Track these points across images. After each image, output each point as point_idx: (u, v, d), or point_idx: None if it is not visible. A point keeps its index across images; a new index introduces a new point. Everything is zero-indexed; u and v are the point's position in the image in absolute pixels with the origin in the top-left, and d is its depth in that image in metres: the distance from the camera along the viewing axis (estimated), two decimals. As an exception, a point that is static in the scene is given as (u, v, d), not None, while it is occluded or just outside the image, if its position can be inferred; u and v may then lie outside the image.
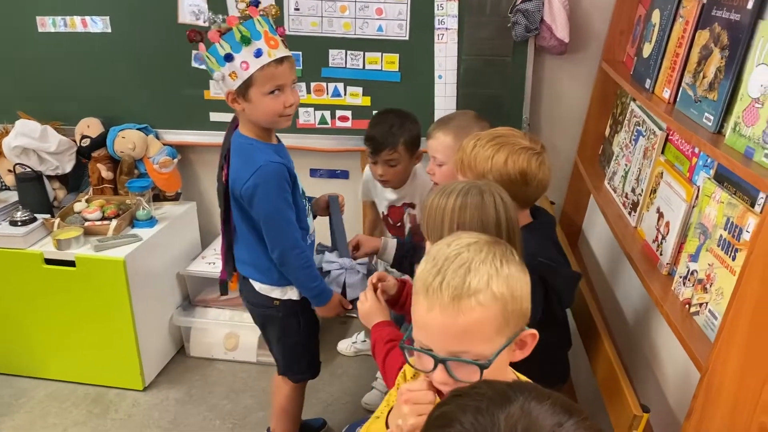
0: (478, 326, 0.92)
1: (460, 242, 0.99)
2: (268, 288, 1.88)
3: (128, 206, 2.62)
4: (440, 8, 2.45)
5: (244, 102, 1.68)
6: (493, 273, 0.94)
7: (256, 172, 1.68)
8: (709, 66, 1.60)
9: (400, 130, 2.10)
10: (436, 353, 0.94)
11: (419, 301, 0.95)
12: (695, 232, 1.50)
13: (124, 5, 2.60)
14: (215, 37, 1.62)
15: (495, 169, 1.53)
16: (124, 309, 2.41)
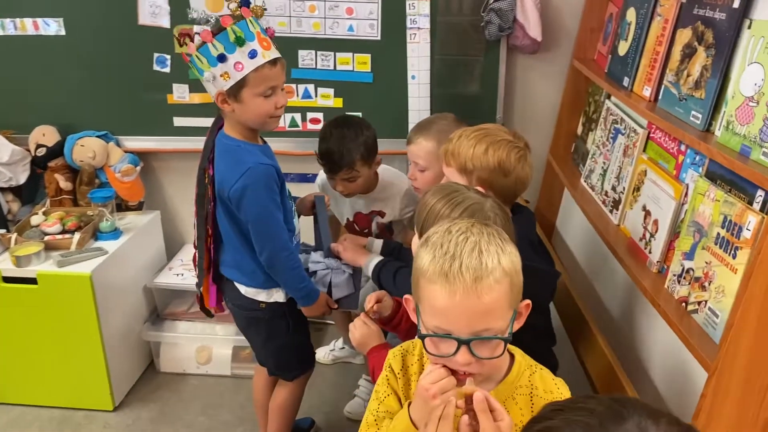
0: (498, 303, 0.98)
1: (460, 227, 1.04)
2: (254, 291, 1.85)
3: (90, 218, 2.49)
4: (412, 8, 2.42)
5: (234, 103, 1.66)
6: (500, 251, 1.01)
7: (244, 174, 1.66)
8: (693, 64, 1.61)
9: (354, 145, 2.01)
10: (460, 336, 0.98)
11: (436, 290, 0.98)
12: (689, 230, 1.51)
13: (79, 6, 2.48)
14: (208, 37, 1.58)
15: (475, 157, 1.56)
16: (91, 326, 2.29)
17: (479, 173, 1.57)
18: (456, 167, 1.60)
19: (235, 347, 2.62)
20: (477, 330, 0.98)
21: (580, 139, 2.49)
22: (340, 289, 1.93)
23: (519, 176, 1.59)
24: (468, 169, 1.58)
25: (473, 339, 0.98)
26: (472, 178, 1.58)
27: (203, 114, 2.59)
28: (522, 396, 1.09)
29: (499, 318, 0.99)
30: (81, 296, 2.24)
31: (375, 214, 2.25)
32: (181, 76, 2.54)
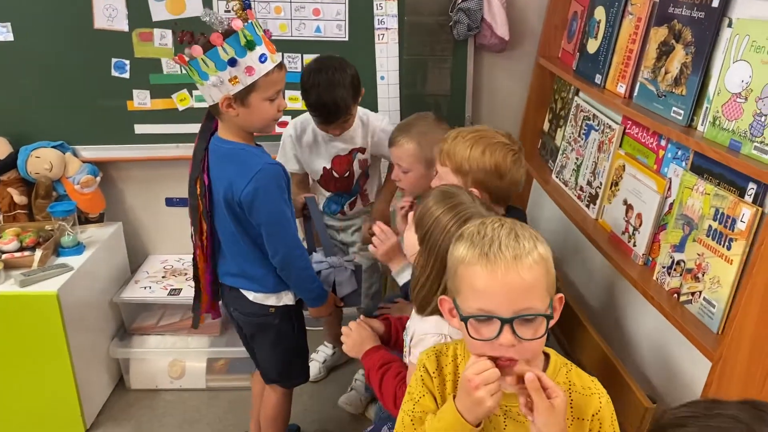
0: (536, 282, 1.01)
1: (492, 221, 1.08)
2: (263, 296, 1.83)
3: (49, 233, 2.36)
4: (379, 8, 2.40)
5: (240, 107, 1.62)
6: (533, 237, 1.04)
7: (255, 176, 1.63)
8: (671, 61, 1.66)
9: (344, 91, 1.96)
10: (503, 315, 0.99)
11: (476, 271, 1.01)
12: (677, 223, 1.56)
13: (28, 10, 2.34)
14: (218, 40, 1.53)
15: (472, 158, 1.58)
16: (59, 347, 2.18)
17: (475, 175, 1.58)
18: (451, 167, 1.61)
19: (209, 359, 2.55)
20: (519, 308, 1.00)
21: (548, 135, 2.53)
22: (344, 286, 1.95)
23: (513, 178, 1.62)
24: (464, 170, 1.59)
25: (516, 317, 0.99)
26: (468, 179, 1.59)
27: (165, 120, 2.51)
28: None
29: (539, 299, 1.01)
30: (47, 316, 2.13)
31: (356, 151, 2.21)
32: (141, 82, 2.45)
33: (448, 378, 1.17)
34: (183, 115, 2.50)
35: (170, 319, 2.57)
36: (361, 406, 2.37)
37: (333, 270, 1.93)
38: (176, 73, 2.44)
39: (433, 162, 1.94)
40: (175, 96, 2.48)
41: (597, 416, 1.09)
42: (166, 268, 2.70)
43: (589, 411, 1.10)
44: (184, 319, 2.56)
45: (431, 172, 1.96)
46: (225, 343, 2.54)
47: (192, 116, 2.49)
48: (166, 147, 2.55)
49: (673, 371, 1.59)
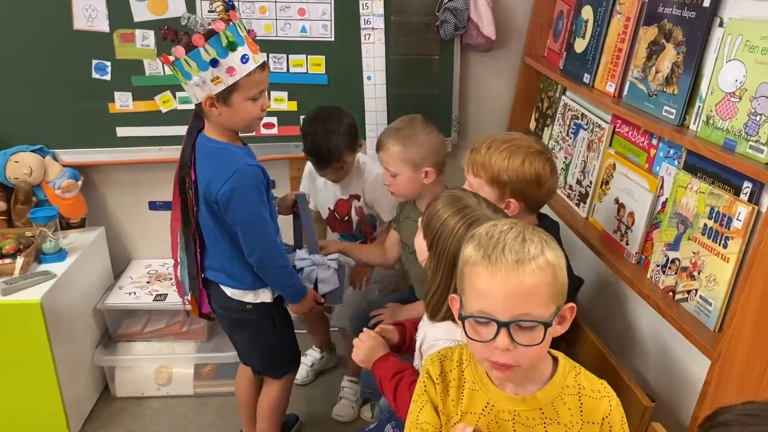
0: (538, 289, 1.00)
1: (505, 222, 1.08)
2: (240, 293, 1.85)
3: (29, 239, 2.30)
4: (365, 7, 2.38)
5: (223, 106, 1.64)
6: (544, 244, 1.03)
7: (232, 176, 1.65)
8: (662, 61, 1.67)
9: (339, 139, 2.06)
10: (500, 318, 0.99)
11: (479, 272, 1.02)
12: (671, 221, 1.57)
13: (5, 10, 2.26)
14: (200, 41, 1.54)
15: (511, 169, 1.56)
16: (43, 356, 2.12)
17: (514, 185, 1.57)
18: (486, 179, 1.59)
19: (197, 365, 2.51)
20: (517, 313, 0.99)
21: (534, 134, 2.54)
22: (326, 284, 1.97)
23: (551, 187, 1.63)
24: (501, 181, 1.57)
25: (513, 321, 0.99)
26: (506, 189, 1.58)
27: (148, 123, 2.46)
28: (570, 396, 1.10)
29: (540, 305, 1.00)
30: (31, 325, 2.07)
31: (353, 197, 2.28)
32: (123, 84, 2.39)
33: (452, 384, 1.16)
34: (166, 118, 2.45)
35: (156, 325, 2.53)
36: (354, 412, 2.35)
37: (316, 267, 1.96)
38: (159, 75, 2.40)
39: (419, 164, 1.94)
40: (158, 98, 2.43)
41: (607, 420, 1.09)
42: (150, 273, 2.65)
43: (599, 414, 1.09)
44: (170, 325, 2.53)
45: (419, 174, 1.95)
46: (212, 349, 2.50)
47: (176, 118, 2.45)
48: (149, 150, 2.50)
49: (671, 368, 1.60)
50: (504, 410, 1.11)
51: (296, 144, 2.51)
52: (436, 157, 1.96)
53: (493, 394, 1.12)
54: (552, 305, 1.02)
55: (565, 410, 1.09)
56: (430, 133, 1.97)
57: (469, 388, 1.15)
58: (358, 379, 2.40)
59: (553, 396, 1.10)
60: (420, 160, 1.94)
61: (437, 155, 1.96)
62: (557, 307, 1.03)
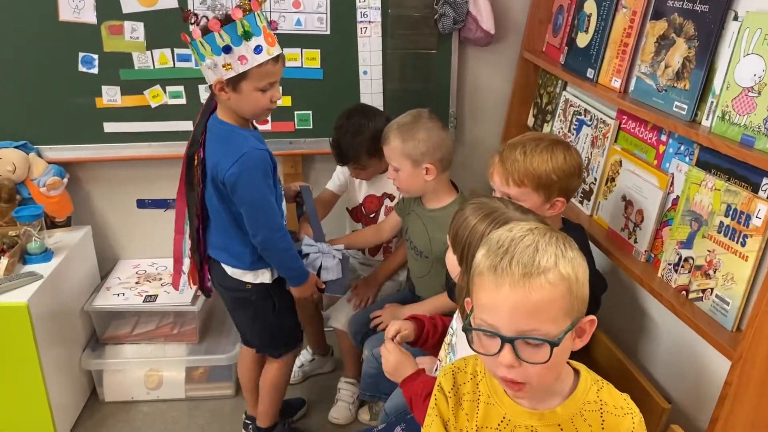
0: (547, 304, 0.93)
1: (522, 227, 1.01)
2: (240, 272, 1.88)
3: (13, 239, 2.21)
4: (362, 0, 2.33)
5: (232, 92, 1.68)
6: (560, 254, 0.96)
7: (239, 159, 1.68)
8: (672, 56, 1.63)
9: (361, 140, 2.07)
10: (504, 333, 0.94)
11: (485, 282, 0.96)
12: (684, 219, 1.54)
13: (-14, 1, 2.18)
14: (216, 26, 1.58)
15: (558, 168, 1.55)
16: (29, 360, 2.04)
17: (561, 183, 1.55)
18: (533, 186, 1.55)
19: (188, 368, 2.44)
20: (522, 329, 0.93)
21: (533, 130, 2.50)
22: (329, 271, 1.98)
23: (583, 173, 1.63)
24: (551, 182, 1.54)
25: (517, 338, 0.93)
26: (553, 190, 1.55)
27: (137, 118, 2.38)
28: (591, 413, 1.04)
29: (549, 322, 0.94)
30: (17, 328, 1.99)
31: (386, 196, 2.26)
32: (111, 77, 2.31)
33: (465, 397, 1.11)
34: (156, 113, 2.38)
35: (145, 327, 2.45)
36: (351, 414, 2.30)
37: (321, 255, 1.97)
38: (148, 68, 2.32)
39: (419, 160, 1.90)
40: (147, 92, 2.35)
41: None
42: (138, 273, 2.57)
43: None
44: (161, 327, 2.46)
45: (420, 170, 1.91)
46: (204, 351, 2.43)
47: (165, 114, 2.38)
48: (138, 146, 2.42)
49: (686, 369, 1.57)
50: (521, 425, 1.06)
51: (290, 140, 2.47)
52: (437, 154, 1.91)
53: (510, 408, 1.07)
54: (564, 321, 0.95)
55: (585, 427, 1.04)
56: (431, 129, 1.92)
57: (484, 401, 1.10)
58: (355, 380, 2.34)
59: (573, 412, 1.04)
60: (419, 156, 1.90)
61: (438, 152, 1.91)
62: (572, 322, 0.96)
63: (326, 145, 2.45)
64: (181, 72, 2.33)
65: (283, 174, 2.58)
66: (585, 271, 0.98)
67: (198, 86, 2.36)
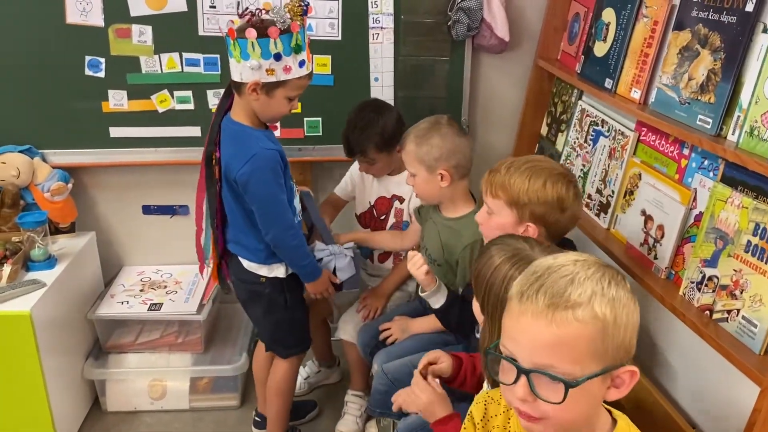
0: (570, 342, 0.86)
1: (568, 257, 0.93)
2: (256, 266, 1.92)
3: (16, 245, 2.17)
4: (374, 6, 2.28)
5: (264, 96, 1.74)
6: (599, 291, 0.87)
7: (250, 160, 1.74)
8: (696, 68, 1.59)
9: (369, 133, 2.07)
10: (521, 363, 0.88)
11: (511, 307, 0.91)
12: (708, 236, 1.49)
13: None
14: (275, 34, 1.65)
15: (532, 190, 1.48)
16: (31, 369, 2.00)
17: (534, 207, 1.49)
18: (506, 200, 1.51)
19: (192, 378, 2.39)
20: (538, 363, 0.87)
21: (546, 139, 2.46)
22: (343, 271, 2.00)
23: (574, 213, 1.53)
24: (521, 203, 1.49)
25: (532, 371, 0.87)
26: (525, 211, 1.50)
27: (144, 123, 2.34)
28: None
29: (570, 361, 0.85)
30: (20, 337, 1.95)
31: (395, 198, 2.24)
32: (117, 82, 2.27)
33: (494, 431, 1.06)
34: (163, 118, 2.33)
35: (149, 335, 2.40)
36: (359, 428, 2.25)
37: (334, 257, 1.99)
38: (156, 73, 2.28)
39: (433, 166, 1.86)
40: (154, 97, 2.31)
41: None
42: (143, 280, 2.53)
43: None
44: (165, 336, 2.41)
45: (435, 177, 1.87)
46: (209, 361, 2.39)
47: (173, 119, 2.33)
48: (144, 151, 2.38)
49: (709, 393, 1.53)
50: None
51: (299, 147, 2.42)
52: (452, 160, 1.87)
53: None
54: (591, 364, 0.86)
55: None
56: (446, 135, 1.88)
57: None
58: (362, 393, 2.30)
59: None
60: (433, 162, 1.86)
61: (453, 158, 1.87)
62: (603, 368, 0.87)
63: (336, 152, 2.43)
64: (189, 77, 2.29)
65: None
66: (631, 314, 0.89)
67: (206, 91, 2.31)
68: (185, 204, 2.57)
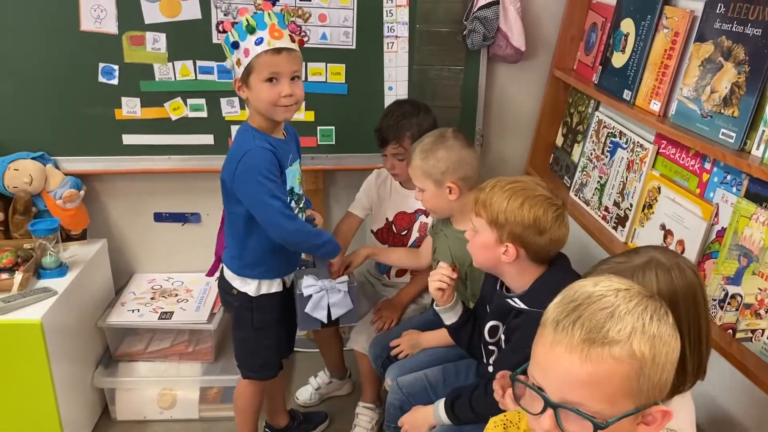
0: (604, 380, 0.82)
1: (609, 285, 0.88)
2: (231, 275, 1.89)
3: (28, 252, 2.16)
4: (389, 14, 2.27)
5: (246, 89, 1.72)
6: (639, 327, 0.83)
7: (242, 158, 1.70)
8: (719, 80, 1.56)
9: (406, 123, 2.06)
10: (549, 396, 0.84)
11: (544, 335, 0.87)
12: (731, 253, 1.46)
13: (7, 8, 2.13)
14: (228, 26, 1.68)
15: (509, 211, 1.47)
16: (41, 377, 1.98)
17: (512, 228, 1.47)
18: (486, 219, 1.50)
19: (202, 388, 2.37)
20: (568, 400, 0.83)
21: (562, 150, 2.43)
22: (338, 307, 1.91)
23: (554, 236, 1.49)
24: (499, 222, 1.48)
25: (560, 406, 0.83)
26: (504, 232, 1.48)
27: (156, 131, 2.33)
28: None
29: (602, 400, 0.82)
30: (30, 345, 1.93)
31: (420, 212, 2.20)
32: (130, 89, 2.26)
33: None
34: (176, 125, 2.32)
35: (160, 344, 2.39)
36: (370, 441, 2.23)
37: (325, 293, 1.89)
38: (170, 80, 2.27)
39: (440, 180, 1.84)
40: (167, 104, 2.29)
41: None
42: (154, 288, 2.51)
43: None
44: (176, 345, 2.39)
45: (443, 190, 1.84)
46: (219, 371, 2.36)
47: (186, 126, 2.32)
48: (157, 159, 2.36)
49: (733, 413, 1.49)
50: None
51: (312, 156, 2.40)
52: (459, 173, 1.84)
53: None
54: (624, 403, 0.83)
55: None
56: (451, 147, 1.85)
57: None
58: (373, 405, 2.27)
59: None
60: (439, 176, 1.84)
61: (460, 170, 1.84)
62: (636, 407, 0.83)
63: (349, 161, 2.43)
64: (203, 84, 2.28)
65: (304, 190, 2.51)
66: (671, 352, 0.85)
67: (220, 99, 2.30)
68: (197, 212, 2.56)
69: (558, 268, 1.57)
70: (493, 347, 1.65)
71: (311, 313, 1.88)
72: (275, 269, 1.88)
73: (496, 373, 1.42)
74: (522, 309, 1.51)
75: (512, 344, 1.54)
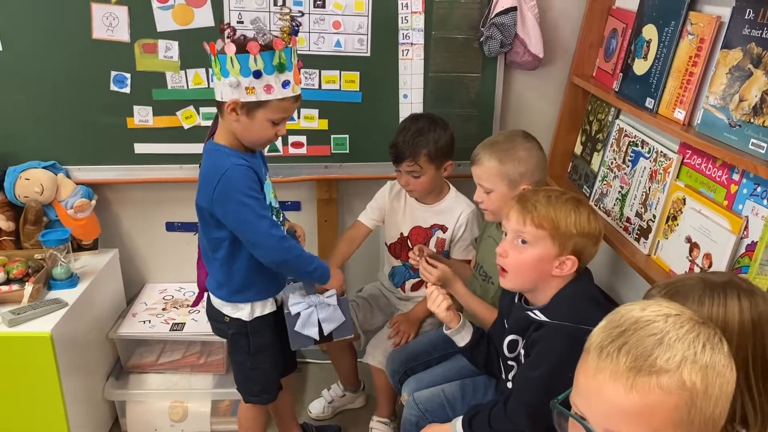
0: (650, 412, 0.77)
1: (659, 310, 0.83)
2: (220, 303, 1.84)
3: (39, 263, 2.14)
4: (405, 21, 2.23)
5: (244, 116, 1.62)
6: (690, 356, 0.78)
7: (221, 179, 1.62)
8: (748, 89, 1.50)
9: (423, 140, 2.01)
10: (592, 427, 0.80)
11: (587, 361, 0.83)
12: (763, 269, 1.40)
13: (19, 17, 2.11)
14: (255, 50, 1.54)
15: (579, 224, 1.47)
16: (51, 390, 1.95)
17: (579, 241, 1.47)
18: (550, 231, 1.48)
19: (214, 401, 2.33)
20: (611, 431, 0.79)
21: (581, 158, 2.38)
22: (330, 322, 1.87)
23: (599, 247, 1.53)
24: (569, 234, 1.47)
25: None
26: (569, 244, 1.47)
27: (169, 140, 2.30)
28: None
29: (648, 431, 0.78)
30: (40, 359, 1.91)
31: (437, 227, 2.16)
32: (143, 97, 2.23)
33: None
34: (188, 134, 2.29)
35: (171, 356, 2.36)
36: (382, 456, 2.19)
37: (314, 308, 1.85)
38: (182, 89, 2.24)
39: (517, 181, 1.81)
40: (180, 113, 2.27)
41: None
42: (166, 298, 2.48)
43: None
44: (187, 356, 2.36)
45: (514, 192, 1.80)
46: (231, 383, 2.28)
47: (198, 135, 2.28)
48: (169, 168, 2.34)
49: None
50: None
51: (326, 165, 2.37)
52: (536, 175, 1.84)
53: None
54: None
55: None
56: (530, 149, 1.85)
57: None
58: (388, 420, 2.23)
59: None
60: (518, 177, 1.81)
61: (537, 173, 1.84)
62: None
63: (363, 170, 2.39)
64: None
65: (316, 199, 2.49)
66: (725, 385, 0.80)
67: (232, 108, 2.27)
68: (209, 221, 2.52)
69: (581, 279, 1.54)
70: (513, 362, 1.61)
71: (301, 331, 1.84)
72: (267, 289, 1.84)
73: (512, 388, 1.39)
74: (543, 321, 1.48)
75: (532, 358, 1.50)
